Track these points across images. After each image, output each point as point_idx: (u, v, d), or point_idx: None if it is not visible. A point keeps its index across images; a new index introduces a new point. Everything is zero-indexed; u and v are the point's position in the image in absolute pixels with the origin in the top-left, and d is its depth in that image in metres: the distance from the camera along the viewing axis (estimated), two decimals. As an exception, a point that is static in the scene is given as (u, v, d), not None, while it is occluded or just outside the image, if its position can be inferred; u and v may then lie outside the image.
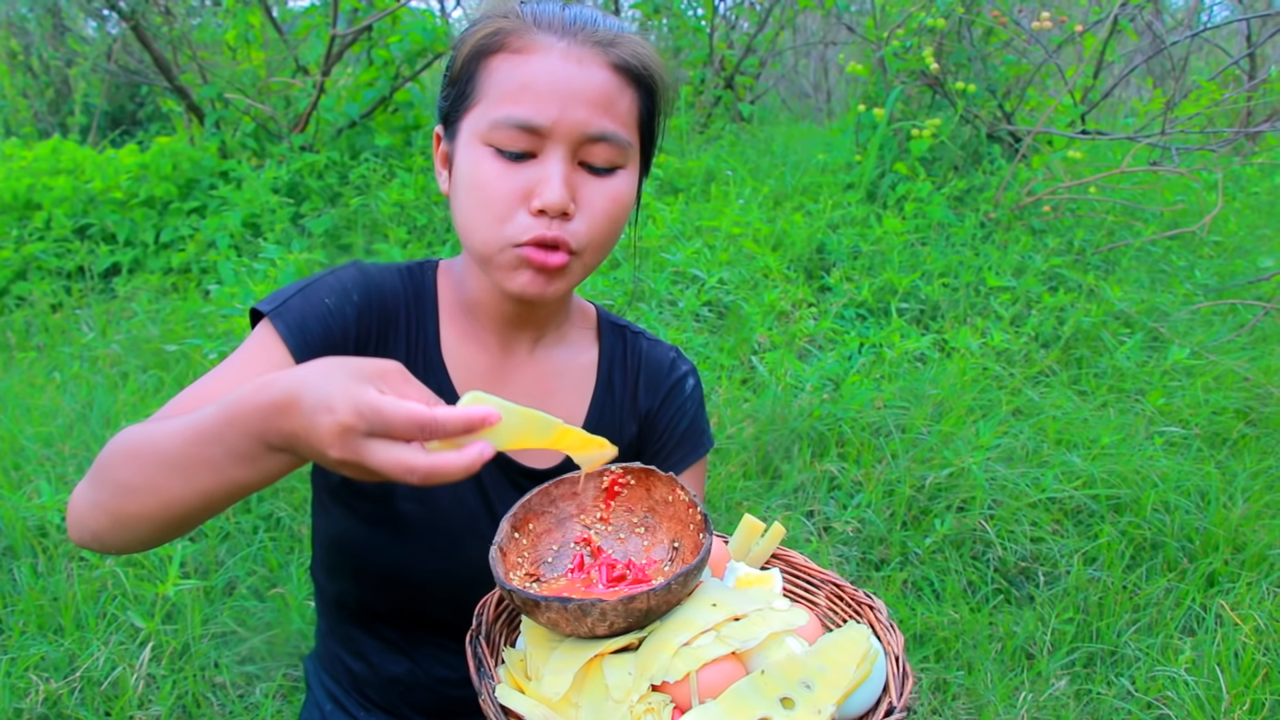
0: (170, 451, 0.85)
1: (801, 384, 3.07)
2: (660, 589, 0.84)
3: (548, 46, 1.02)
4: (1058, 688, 2.26)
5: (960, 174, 4.81)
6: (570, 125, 1.01)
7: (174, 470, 0.85)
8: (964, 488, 2.75)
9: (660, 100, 1.12)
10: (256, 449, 0.81)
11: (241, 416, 0.80)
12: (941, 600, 2.51)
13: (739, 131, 6.10)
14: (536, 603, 0.84)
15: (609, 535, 1.03)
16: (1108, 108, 7.32)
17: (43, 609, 2.21)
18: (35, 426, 2.88)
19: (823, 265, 4.20)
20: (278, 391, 0.78)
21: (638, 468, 1.03)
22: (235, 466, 0.82)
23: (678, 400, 1.28)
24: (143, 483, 0.87)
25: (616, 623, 0.85)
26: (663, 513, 1.02)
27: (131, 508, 0.88)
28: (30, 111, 6.97)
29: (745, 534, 1.05)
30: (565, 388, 1.23)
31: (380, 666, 1.25)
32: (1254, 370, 3.53)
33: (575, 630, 0.85)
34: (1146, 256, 4.58)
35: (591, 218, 1.05)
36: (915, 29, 4.71)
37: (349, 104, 4.95)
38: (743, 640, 0.85)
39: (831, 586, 1.04)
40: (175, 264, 4.27)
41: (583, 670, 0.85)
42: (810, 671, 0.83)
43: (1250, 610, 2.37)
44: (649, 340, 1.30)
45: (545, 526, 1.02)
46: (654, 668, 0.83)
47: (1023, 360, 3.53)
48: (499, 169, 1.03)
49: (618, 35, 1.06)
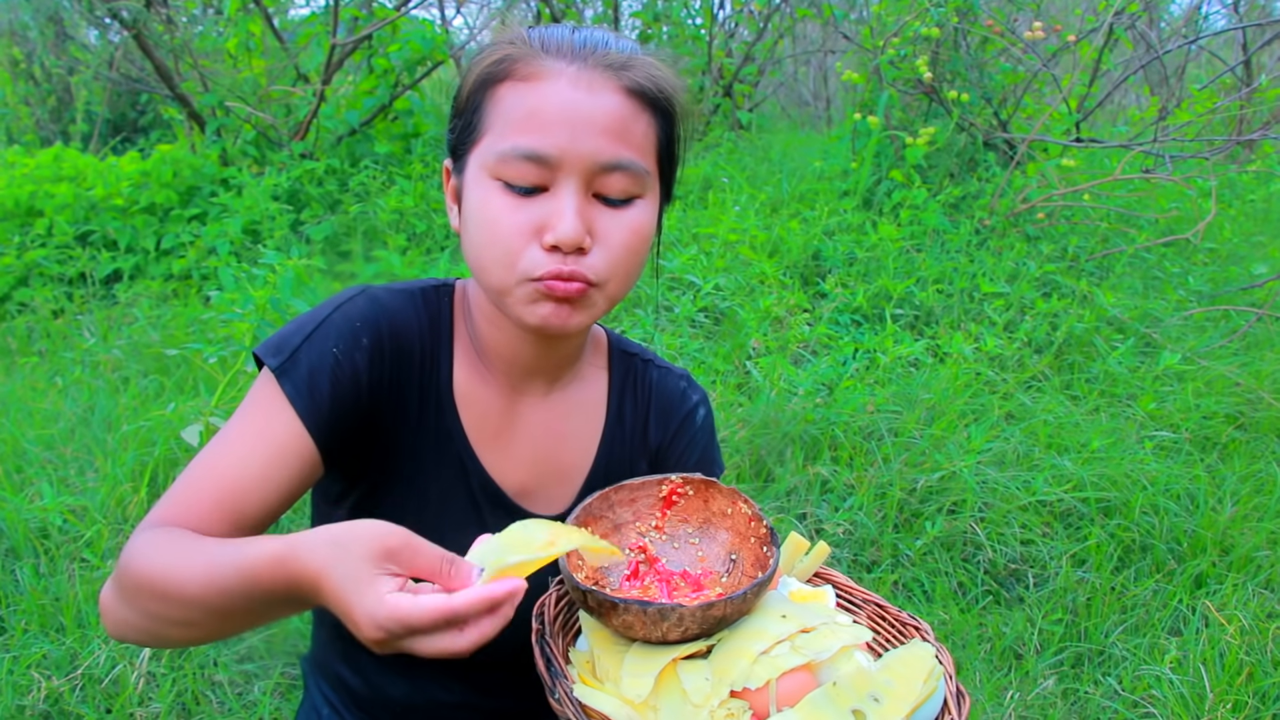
0: (201, 599, 0.85)
1: (795, 388, 3.10)
2: (737, 598, 0.85)
3: (556, 72, 0.97)
4: (1045, 687, 2.28)
5: (956, 181, 4.85)
6: (581, 155, 0.95)
7: (211, 614, 0.86)
8: (955, 491, 2.78)
9: (680, 124, 1.06)
10: (291, 605, 0.85)
11: (267, 586, 0.82)
12: (932, 601, 2.54)
13: (737, 139, 6.15)
14: (614, 605, 0.84)
15: (664, 544, 1.03)
16: (1106, 115, 7.37)
17: (44, 608, 2.24)
18: (37, 430, 2.92)
19: (818, 272, 4.23)
20: (300, 573, 0.79)
21: (698, 479, 1.04)
22: (282, 610, 0.87)
23: (689, 433, 1.25)
24: (179, 618, 0.87)
25: (691, 629, 0.86)
26: (720, 524, 1.03)
27: (174, 636, 0.90)
28: (32, 119, 7.02)
29: (791, 551, 1.05)
30: (575, 429, 1.19)
31: (379, 686, 1.24)
32: (1245, 375, 3.56)
33: (648, 634, 0.86)
34: (1140, 263, 4.61)
35: (609, 252, 0.99)
36: (911, 38, 4.75)
37: (349, 112, 4.99)
38: (816, 651, 0.87)
39: (874, 606, 1.04)
40: (176, 270, 4.31)
41: (660, 675, 0.86)
42: (878, 685, 0.85)
43: (1235, 611, 2.40)
44: (659, 369, 1.26)
45: (602, 531, 1.02)
46: (734, 674, 0.84)
47: (1015, 365, 3.56)
48: (508, 204, 0.97)
49: (631, 58, 1.00)
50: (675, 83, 1.04)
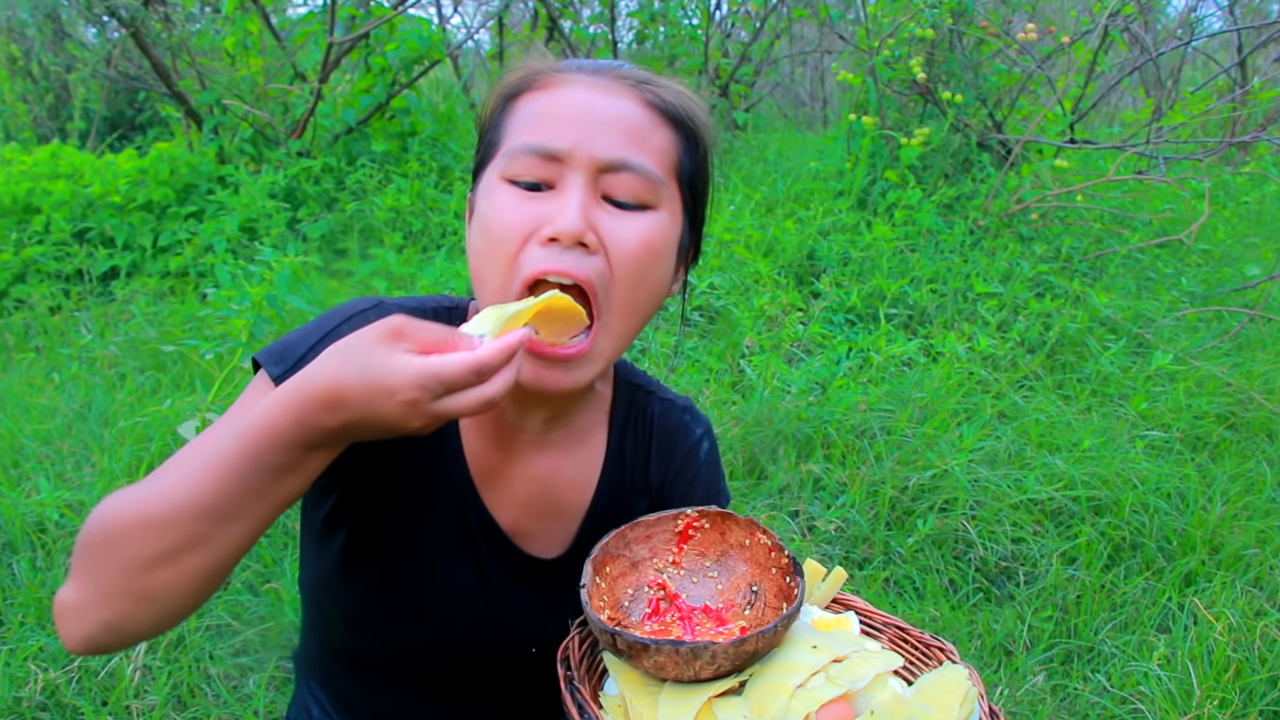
0: (205, 499, 0.81)
1: (788, 387, 3.12)
2: (768, 632, 0.85)
3: (575, 80, 0.96)
4: (1035, 683, 2.30)
5: (950, 182, 4.86)
6: (590, 151, 0.92)
7: (218, 517, 0.81)
8: (947, 489, 2.79)
9: (704, 151, 1.02)
10: (298, 457, 0.81)
11: (275, 432, 0.80)
12: (923, 598, 2.56)
13: (734, 139, 6.16)
14: (645, 646, 0.83)
15: (682, 579, 1.02)
16: (1102, 117, 7.39)
17: (41, 602, 2.25)
18: (34, 425, 2.93)
19: (813, 271, 4.25)
20: (313, 394, 0.79)
21: (714, 511, 1.03)
22: (282, 482, 0.82)
23: (692, 469, 1.21)
24: (177, 545, 0.81)
25: (724, 665, 0.85)
26: (739, 555, 1.02)
27: (166, 576, 0.82)
28: (30, 116, 7.02)
29: (808, 578, 1.03)
30: (574, 468, 1.15)
31: (367, 699, 1.23)
32: (1236, 375, 3.59)
33: (681, 674, 0.85)
34: (1134, 264, 4.63)
35: (617, 257, 0.93)
36: (906, 39, 4.77)
37: (346, 110, 5.00)
38: (851, 681, 0.86)
39: (895, 630, 1.04)
40: (173, 267, 4.32)
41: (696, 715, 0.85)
42: (915, 711, 0.84)
43: (1224, 609, 2.42)
44: (661, 401, 1.21)
45: (620, 570, 1.01)
46: (772, 709, 0.84)
47: (1008, 365, 3.58)
48: (511, 200, 0.93)
49: (653, 77, 1.00)
50: (701, 107, 1.02)
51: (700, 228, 1.07)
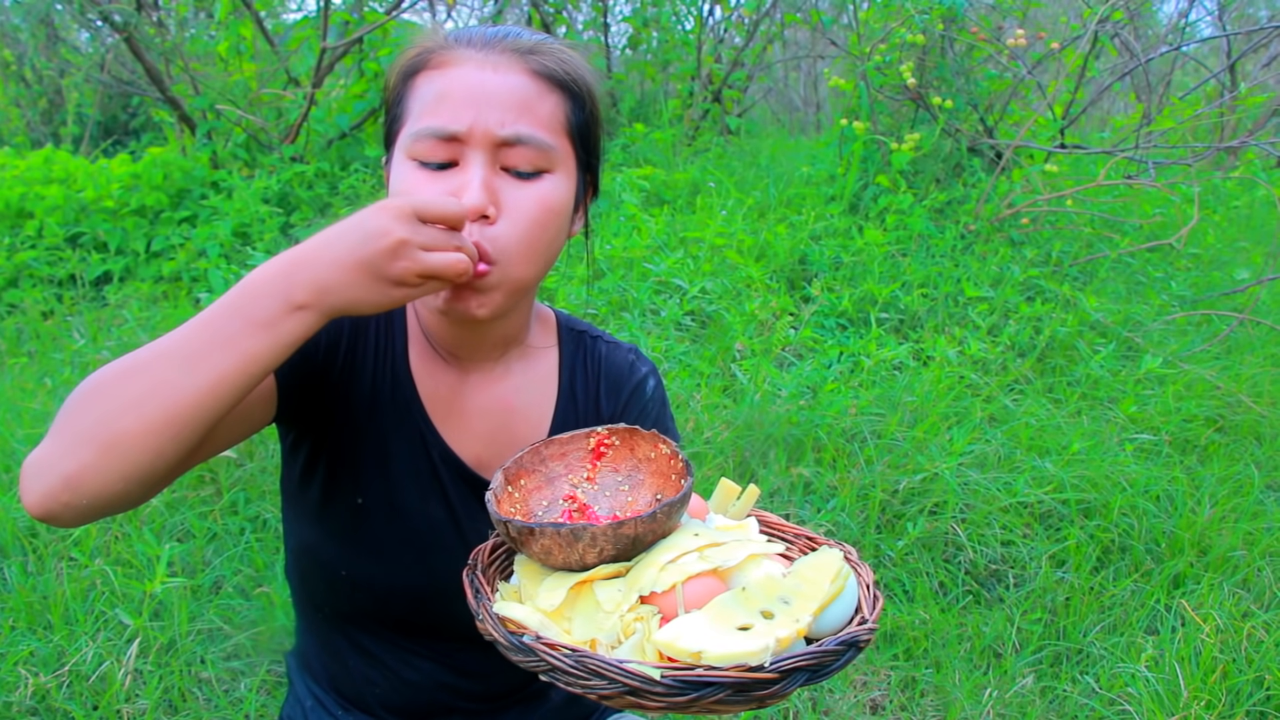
0: (177, 346, 0.85)
1: (779, 391, 3.13)
2: (646, 517, 0.89)
3: (465, 59, 1.03)
4: (1024, 685, 2.32)
5: (941, 187, 4.88)
6: (485, 128, 1.00)
7: (184, 362, 0.84)
8: (937, 492, 2.81)
9: (593, 109, 1.11)
10: (279, 310, 0.86)
11: (262, 276, 0.86)
12: (913, 601, 2.57)
13: (726, 144, 6.18)
14: (531, 530, 0.88)
15: (595, 494, 1.07)
16: (1094, 122, 7.42)
17: (32, 606, 2.26)
18: (26, 430, 2.93)
19: (804, 276, 4.26)
20: (304, 245, 0.88)
21: (622, 428, 1.08)
22: (253, 336, 0.85)
23: (639, 403, 1.28)
24: (144, 390, 0.83)
25: (606, 549, 0.89)
26: (646, 469, 1.07)
27: (128, 423, 0.83)
28: (23, 121, 7.02)
29: (722, 495, 1.07)
30: (528, 403, 1.23)
31: (355, 669, 1.27)
32: (1225, 379, 3.61)
33: (567, 558, 0.90)
34: (1124, 268, 4.65)
35: (514, 222, 1.02)
36: (897, 44, 4.79)
37: (339, 115, 5.01)
38: (724, 559, 0.90)
39: (805, 540, 1.06)
40: (166, 272, 4.32)
41: (575, 591, 0.90)
42: (788, 589, 0.87)
43: (1211, 610, 2.43)
44: (608, 344, 1.30)
45: (536, 484, 1.06)
46: (642, 581, 0.88)
47: (999, 369, 3.60)
48: (420, 179, 1.02)
49: (539, 44, 1.06)
50: (585, 68, 1.10)
51: (596, 170, 1.16)
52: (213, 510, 2.62)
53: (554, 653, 0.80)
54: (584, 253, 1.30)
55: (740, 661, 0.77)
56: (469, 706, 1.30)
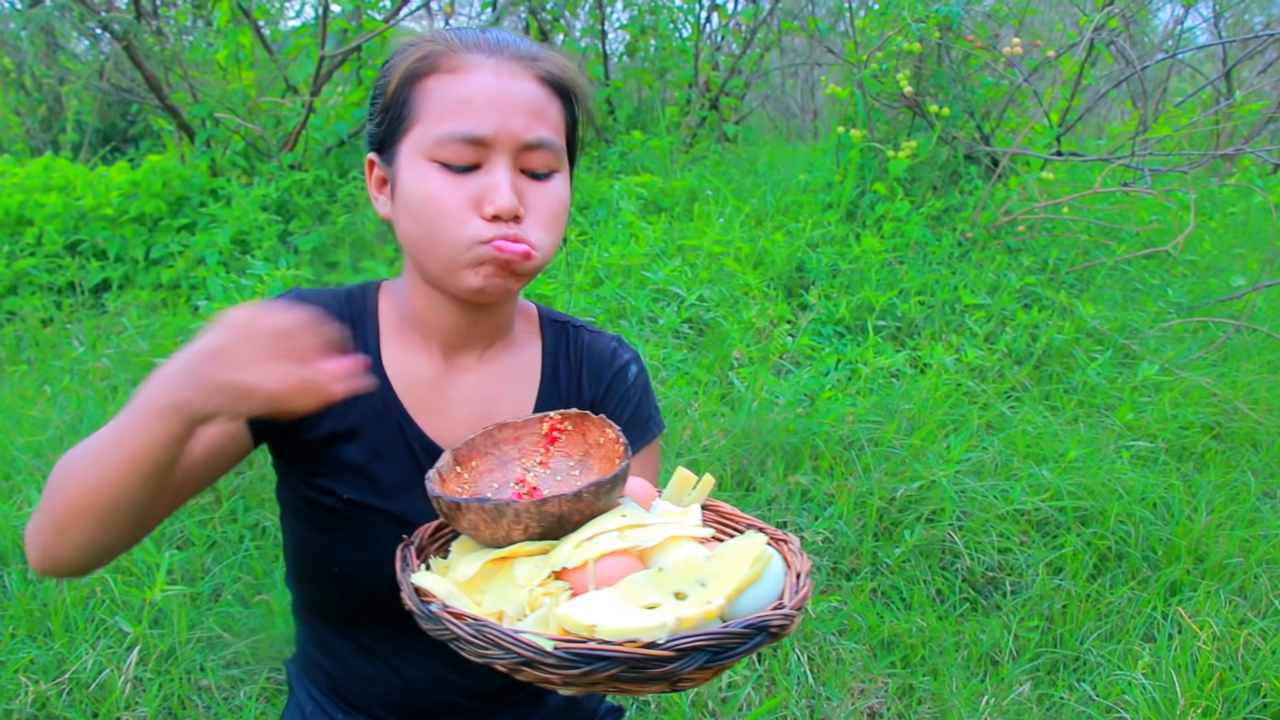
0: (96, 438, 0.96)
1: (777, 399, 3.14)
2: (570, 495, 0.90)
3: (479, 64, 1.08)
4: (1021, 693, 2.32)
5: (938, 194, 4.90)
6: (511, 134, 1.06)
7: (92, 455, 0.96)
8: (934, 500, 2.82)
9: (580, 110, 1.18)
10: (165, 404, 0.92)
11: (159, 377, 0.92)
12: (910, 609, 2.58)
13: (723, 152, 6.19)
14: (458, 505, 0.90)
15: (547, 478, 1.08)
16: (1090, 129, 7.43)
17: (32, 614, 2.26)
18: (26, 437, 2.94)
19: (802, 283, 4.28)
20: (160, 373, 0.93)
21: (574, 413, 1.09)
22: (140, 432, 0.92)
23: (621, 388, 1.31)
24: (73, 480, 0.96)
25: (531, 526, 0.90)
26: (596, 454, 1.07)
27: (68, 509, 0.97)
28: (22, 128, 7.02)
29: (678, 485, 1.07)
30: (511, 391, 1.26)
31: (354, 668, 1.29)
32: (1221, 386, 3.62)
33: (494, 534, 0.91)
34: (1121, 275, 4.67)
35: (540, 221, 1.10)
36: (894, 52, 4.81)
37: (338, 123, 5.02)
38: (643, 539, 0.90)
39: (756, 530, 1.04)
40: (165, 280, 4.32)
41: (494, 565, 0.91)
42: (706, 572, 0.86)
43: (1208, 617, 2.44)
44: (590, 332, 1.33)
45: (488, 466, 1.08)
46: (557, 557, 0.89)
47: (995, 376, 3.61)
48: (447, 181, 1.07)
49: (539, 51, 1.12)
50: (578, 72, 1.16)
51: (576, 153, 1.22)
52: (212, 518, 2.63)
53: (458, 622, 0.81)
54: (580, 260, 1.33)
55: (633, 637, 0.77)
56: (468, 704, 1.31)
